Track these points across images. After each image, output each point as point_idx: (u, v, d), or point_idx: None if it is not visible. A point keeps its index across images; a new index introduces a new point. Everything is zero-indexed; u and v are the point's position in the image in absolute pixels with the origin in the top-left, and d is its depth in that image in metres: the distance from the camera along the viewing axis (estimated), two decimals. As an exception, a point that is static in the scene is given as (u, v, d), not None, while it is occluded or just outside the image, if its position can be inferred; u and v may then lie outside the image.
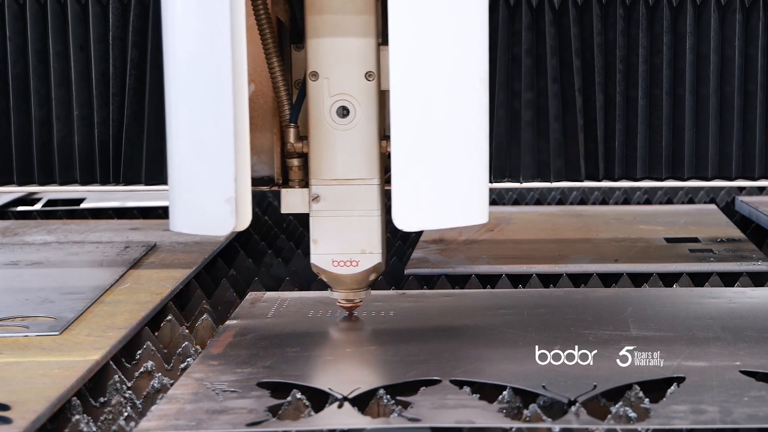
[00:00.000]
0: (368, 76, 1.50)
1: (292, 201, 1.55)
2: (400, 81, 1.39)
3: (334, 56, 1.50)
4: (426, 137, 1.40)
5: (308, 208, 1.54)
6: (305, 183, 1.55)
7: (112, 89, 1.93)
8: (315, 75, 1.51)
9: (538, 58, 1.93)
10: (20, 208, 2.60)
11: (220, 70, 1.35)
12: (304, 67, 1.54)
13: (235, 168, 1.36)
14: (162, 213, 2.56)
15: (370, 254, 1.54)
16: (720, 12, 1.94)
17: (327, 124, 1.51)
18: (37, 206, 2.62)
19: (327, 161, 1.52)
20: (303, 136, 1.54)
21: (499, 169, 1.95)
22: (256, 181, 1.63)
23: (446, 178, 1.41)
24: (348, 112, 1.51)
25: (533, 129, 1.94)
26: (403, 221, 1.40)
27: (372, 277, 1.56)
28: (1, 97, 1.95)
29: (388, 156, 1.52)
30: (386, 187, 1.54)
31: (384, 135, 1.54)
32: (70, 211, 2.57)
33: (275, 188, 1.62)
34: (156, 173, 1.93)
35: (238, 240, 2.22)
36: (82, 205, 2.60)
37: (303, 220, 2.44)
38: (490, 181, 1.94)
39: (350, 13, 1.49)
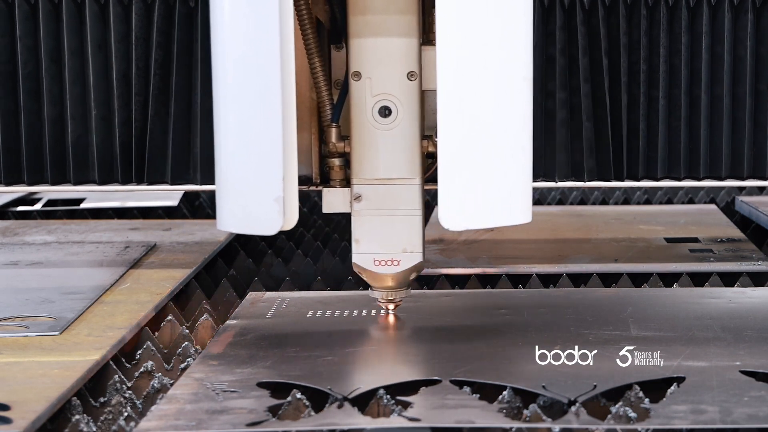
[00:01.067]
0: (410, 76, 1.51)
1: (333, 200, 1.56)
2: (448, 81, 1.39)
3: (377, 56, 1.51)
4: (472, 137, 1.40)
5: (350, 207, 1.54)
6: (346, 182, 1.56)
7: (135, 89, 1.93)
8: (357, 75, 1.51)
9: (571, 58, 1.93)
10: (20, 208, 2.60)
11: (268, 70, 1.35)
12: (343, 66, 1.55)
13: (284, 167, 1.36)
14: (162, 213, 2.56)
15: (411, 253, 1.54)
16: (733, 12, 1.94)
17: (369, 124, 1.52)
18: (37, 206, 2.62)
19: (369, 161, 1.53)
20: (344, 136, 1.55)
21: (534, 168, 1.95)
22: None
23: (491, 177, 1.41)
24: (390, 111, 1.51)
25: (567, 128, 1.94)
26: (450, 221, 1.40)
27: (412, 275, 1.57)
28: (11, 96, 1.95)
29: (428, 156, 1.52)
30: (426, 187, 1.54)
31: (424, 135, 1.54)
32: (70, 211, 2.57)
33: (313, 188, 1.62)
34: (182, 173, 1.93)
35: (238, 240, 2.22)
36: (82, 205, 2.60)
37: (303, 220, 2.44)
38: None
39: (393, 13, 1.50)
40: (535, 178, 1.95)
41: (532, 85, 1.43)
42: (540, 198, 2.73)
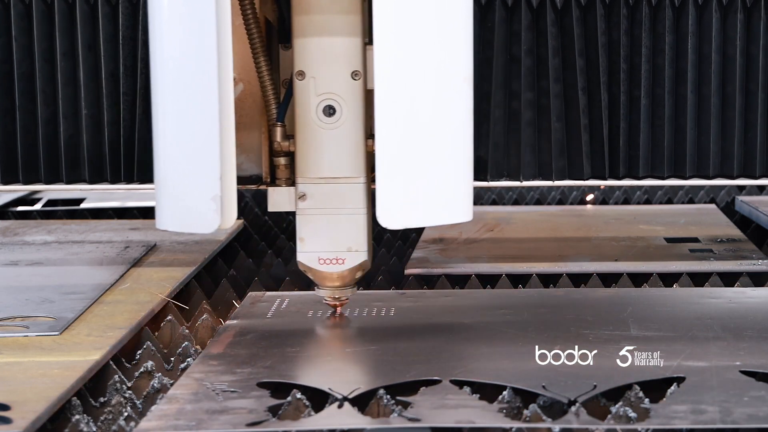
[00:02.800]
0: (354, 75, 1.51)
1: (278, 199, 1.56)
2: (385, 80, 1.40)
3: (321, 56, 1.51)
4: (410, 136, 1.41)
5: (295, 206, 1.55)
6: (292, 181, 1.56)
7: (122, 89, 1.93)
8: (302, 74, 1.52)
9: (539, 59, 1.93)
10: (20, 208, 2.59)
11: (205, 69, 1.36)
12: (291, 66, 1.54)
13: (221, 166, 1.36)
14: (162, 213, 2.56)
15: (356, 252, 1.55)
16: (722, 12, 1.94)
17: (313, 123, 1.52)
18: (37, 206, 2.62)
19: (313, 160, 1.53)
20: (290, 135, 1.55)
21: (496, 167, 1.96)
22: (244, 180, 1.64)
23: (430, 176, 1.42)
24: (334, 111, 1.51)
25: (533, 129, 1.94)
26: (388, 219, 1.42)
27: (358, 274, 1.58)
28: (6, 96, 1.95)
29: (375, 155, 1.52)
30: (372, 186, 1.54)
31: (370, 134, 1.54)
32: (70, 211, 2.57)
33: (263, 187, 1.62)
34: None
35: (238, 240, 2.22)
36: (82, 205, 2.60)
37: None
38: (488, 180, 1.95)
39: (336, 13, 1.50)
40: (499, 177, 1.96)
41: (472, 84, 1.44)
42: (540, 198, 2.73)
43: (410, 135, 1.41)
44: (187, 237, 2.17)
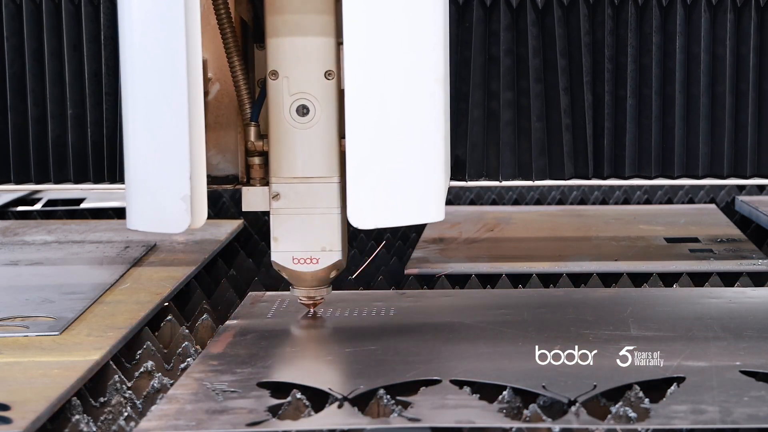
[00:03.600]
0: (328, 75, 1.51)
1: (252, 199, 1.57)
2: (355, 79, 1.40)
3: (294, 55, 1.51)
4: (381, 135, 1.41)
5: (269, 206, 1.55)
6: (266, 181, 1.56)
7: (105, 88, 1.93)
8: (275, 74, 1.52)
9: (519, 59, 1.93)
10: (20, 208, 2.60)
11: (174, 68, 1.35)
12: (266, 66, 1.54)
13: (191, 166, 1.37)
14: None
15: (330, 252, 1.55)
16: (711, 12, 1.94)
17: (287, 123, 1.52)
18: (37, 206, 2.62)
19: (287, 159, 1.53)
20: (264, 135, 1.55)
21: (474, 167, 1.96)
22: (220, 180, 1.64)
23: (402, 175, 1.42)
24: (308, 110, 1.52)
25: (513, 129, 1.94)
26: (359, 219, 1.42)
27: (333, 274, 1.58)
28: None
29: None
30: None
31: (343, 134, 1.54)
32: (70, 211, 2.57)
33: (238, 186, 1.62)
34: None
35: (238, 240, 2.22)
36: (82, 205, 2.60)
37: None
38: (466, 180, 1.95)
39: (309, 12, 1.50)
40: (477, 177, 1.96)
41: (447, 84, 1.45)
42: (540, 198, 2.73)
43: (381, 135, 1.41)
44: (187, 237, 2.17)
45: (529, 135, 1.94)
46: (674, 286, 1.86)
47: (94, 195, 2.68)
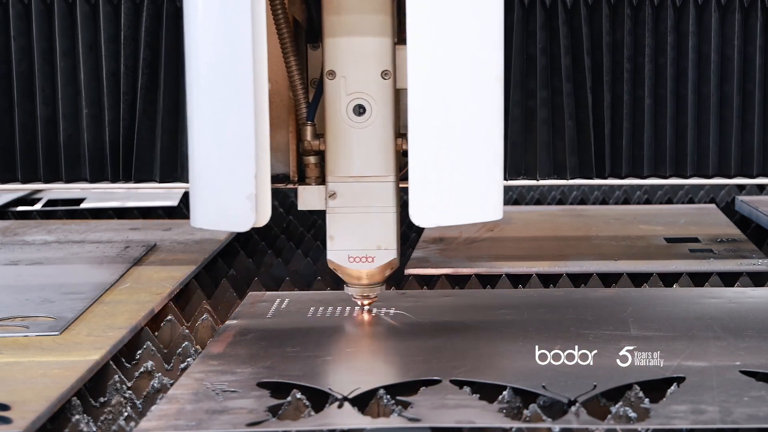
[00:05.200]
0: (384, 74, 1.52)
1: (308, 198, 1.57)
2: (418, 79, 1.41)
3: (351, 55, 1.52)
4: (443, 134, 1.42)
5: (325, 204, 1.55)
6: (322, 180, 1.57)
7: (123, 88, 1.94)
8: (332, 74, 1.52)
9: (553, 57, 1.94)
10: (20, 208, 2.60)
11: (241, 68, 1.37)
12: (319, 65, 1.55)
13: (256, 164, 1.37)
14: (162, 213, 2.56)
15: (385, 250, 1.56)
16: (720, 12, 1.94)
17: (343, 122, 1.53)
18: (37, 206, 2.62)
19: (343, 158, 1.54)
20: (320, 134, 1.56)
21: (514, 167, 1.97)
22: (271, 179, 1.64)
23: (462, 174, 1.43)
24: (364, 110, 1.52)
25: (548, 127, 1.95)
26: (420, 217, 1.43)
27: (387, 272, 1.58)
28: (5, 95, 1.96)
29: (403, 153, 1.53)
30: (401, 184, 1.55)
31: (399, 133, 1.55)
32: (70, 211, 2.57)
33: (291, 186, 1.63)
34: (171, 171, 1.94)
35: (238, 240, 2.22)
36: (82, 205, 2.60)
37: (303, 219, 2.44)
38: (506, 179, 1.96)
39: (367, 13, 1.51)
40: (517, 176, 1.97)
41: (503, 83, 1.45)
42: (540, 198, 2.73)
43: (443, 134, 1.42)
44: (187, 237, 2.17)
45: (562, 133, 1.95)
46: (674, 286, 1.86)
47: (94, 195, 2.68)
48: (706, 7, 1.94)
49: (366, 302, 1.62)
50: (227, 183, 1.40)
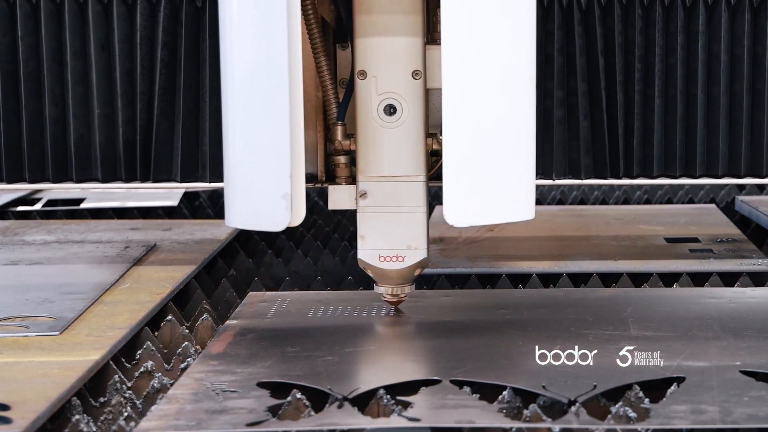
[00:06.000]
0: (415, 74, 1.52)
1: (339, 197, 1.58)
2: (453, 79, 1.42)
3: (382, 55, 1.53)
4: (477, 134, 1.43)
5: (355, 204, 1.55)
6: (352, 180, 1.58)
7: (139, 88, 1.94)
8: (363, 74, 1.53)
9: (569, 57, 1.95)
10: (20, 208, 2.59)
11: (276, 69, 1.38)
12: (349, 66, 1.56)
13: (291, 164, 1.38)
14: (162, 213, 2.56)
15: (415, 250, 1.56)
16: (730, 12, 1.95)
17: (374, 122, 1.53)
18: (37, 206, 2.62)
19: (374, 158, 1.54)
20: (350, 134, 1.56)
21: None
22: None
23: (495, 174, 1.44)
24: (395, 110, 1.53)
25: (564, 127, 1.96)
26: (454, 217, 1.43)
27: (417, 272, 1.59)
28: (12, 96, 1.96)
29: (433, 153, 1.53)
30: (430, 184, 1.55)
31: (429, 132, 1.55)
32: (70, 211, 2.57)
33: (319, 185, 1.63)
34: (192, 171, 1.95)
35: (238, 240, 2.22)
36: (82, 205, 2.60)
37: (303, 219, 2.44)
38: None
39: (398, 13, 1.52)
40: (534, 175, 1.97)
41: (535, 85, 1.45)
42: (540, 198, 2.73)
43: (477, 134, 1.43)
44: (187, 237, 2.17)
45: (577, 133, 1.95)
46: (674, 286, 1.86)
47: (94, 195, 2.68)
48: (716, 7, 1.94)
49: (396, 301, 1.62)
50: (262, 183, 1.40)
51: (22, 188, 2.02)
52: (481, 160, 1.43)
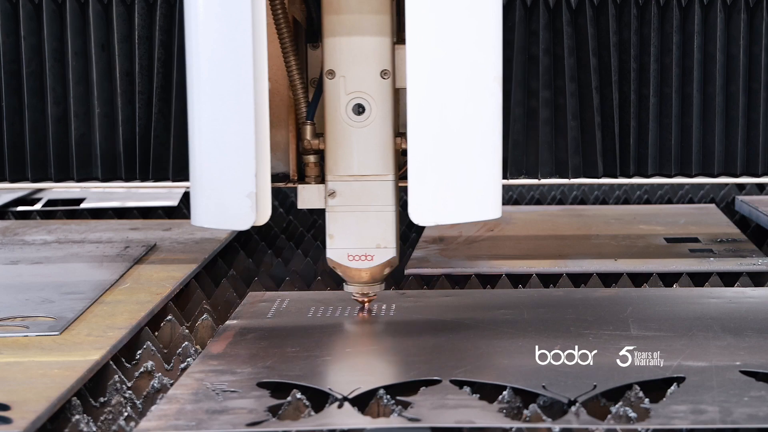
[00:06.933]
0: (383, 74, 1.53)
1: (308, 196, 1.58)
2: (418, 78, 1.42)
3: (351, 55, 1.53)
4: (442, 134, 1.43)
5: (324, 203, 1.56)
6: (321, 179, 1.58)
7: (138, 87, 1.94)
8: (332, 73, 1.53)
9: (556, 58, 1.94)
10: (20, 208, 2.59)
11: (241, 68, 1.38)
12: (319, 65, 1.56)
13: (256, 163, 1.38)
14: (162, 213, 2.56)
15: (384, 249, 1.56)
16: (726, 12, 1.95)
17: (343, 122, 1.54)
18: (37, 206, 2.62)
19: (343, 158, 1.55)
20: (319, 133, 1.57)
21: (515, 165, 1.97)
22: (271, 178, 1.65)
23: (461, 173, 1.44)
24: (363, 109, 1.53)
25: (551, 127, 1.96)
26: (419, 216, 1.44)
27: (386, 271, 1.59)
28: (15, 95, 1.96)
29: (402, 153, 1.54)
30: (400, 183, 1.56)
31: (398, 132, 1.55)
32: (70, 211, 2.57)
33: (290, 185, 1.64)
34: (182, 170, 1.95)
35: (238, 240, 2.22)
36: (82, 205, 2.60)
37: (303, 219, 2.44)
38: (507, 178, 1.97)
39: (366, 12, 1.52)
40: (518, 175, 1.98)
41: (501, 83, 1.46)
42: (540, 198, 2.73)
43: (442, 133, 1.43)
44: (187, 237, 2.17)
45: (565, 133, 1.95)
46: (674, 286, 1.86)
47: (94, 195, 2.68)
48: (711, 6, 1.94)
49: (365, 300, 1.63)
50: (228, 182, 1.40)
51: (25, 187, 2.02)
52: (446, 159, 1.43)
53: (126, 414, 1.33)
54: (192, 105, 1.42)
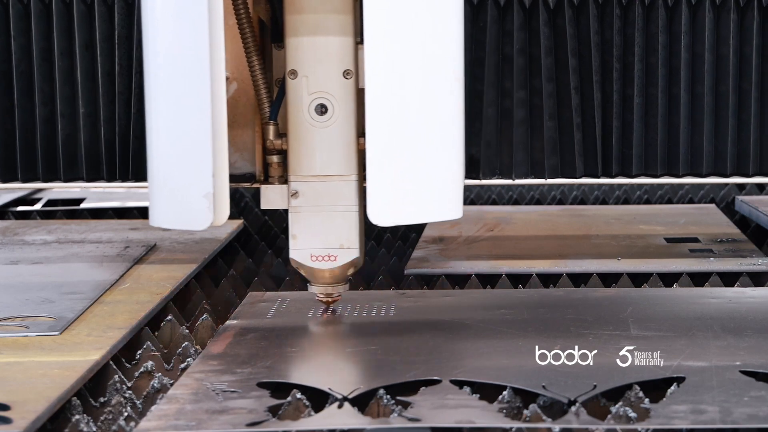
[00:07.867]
0: (346, 74, 1.52)
1: (271, 197, 1.58)
2: (375, 78, 1.41)
3: (313, 55, 1.52)
4: (401, 134, 1.43)
5: (287, 203, 1.56)
6: (285, 179, 1.58)
7: (118, 87, 1.94)
8: (294, 73, 1.53)
9: (532, 58, 1.94)
10: (20, 208, 2.59)
11: (197, 67, 1.37)
12: (284, 65, 1.55)
13: (213, 164, 1.38)
14: (162, 213, 2.56)
15: (348, 249, 1.56)
16: (715, 12, 1.94)
17: (306, 122, 1.54)
18: (37, 206, 2.62)
19: (306, 158, 1.55)
20: (283, 134, 1.57)
21: (489, 166, 1.97)
22: (238, 178, 1.65)
23: (421, 173, 1.44)
24: (326, 109, 1.53)
25: (526, 127, 1.95)
26: (378, 216, 1.43)
27: (350, 271, 1.59)
28: (5, 95, 1.96)
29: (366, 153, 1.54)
30: (364, 184, 1.55)
31: (362, 132, 1.55)
32: (70, 211, 2.57)
33: (256, 185, 1.64)
34: None
35: (238, 240, 2.22)
36: (82, 205, 2.60)
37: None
38: (480, 178, 1.96)
39: (329, 12, 1.52)
40: (492, 175, 1.97)
41: (463, 83, 1.46)
42: (540, 198, 2.73)
43: (400, 133, 1.43)
44: (187, 237, 2.17)
45: (541, 133, 1.95)
46: (674, 286, 1.86)
47: (94, 195, 2.68)
48: (699, 6, 1.94)
49: (329, 301, 1.62)
50: (185, 182, 1.40)
51: (16, 187, 2.02)
52: (405, 159, 1.43)
53: (126, 414, 1.33)
54: (150, 104, 1.42)
